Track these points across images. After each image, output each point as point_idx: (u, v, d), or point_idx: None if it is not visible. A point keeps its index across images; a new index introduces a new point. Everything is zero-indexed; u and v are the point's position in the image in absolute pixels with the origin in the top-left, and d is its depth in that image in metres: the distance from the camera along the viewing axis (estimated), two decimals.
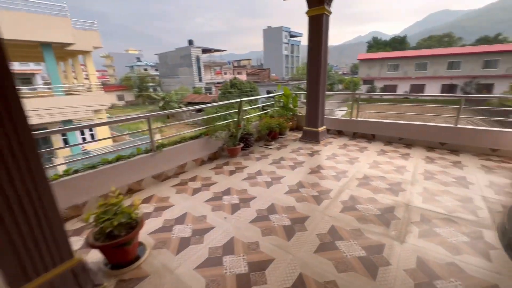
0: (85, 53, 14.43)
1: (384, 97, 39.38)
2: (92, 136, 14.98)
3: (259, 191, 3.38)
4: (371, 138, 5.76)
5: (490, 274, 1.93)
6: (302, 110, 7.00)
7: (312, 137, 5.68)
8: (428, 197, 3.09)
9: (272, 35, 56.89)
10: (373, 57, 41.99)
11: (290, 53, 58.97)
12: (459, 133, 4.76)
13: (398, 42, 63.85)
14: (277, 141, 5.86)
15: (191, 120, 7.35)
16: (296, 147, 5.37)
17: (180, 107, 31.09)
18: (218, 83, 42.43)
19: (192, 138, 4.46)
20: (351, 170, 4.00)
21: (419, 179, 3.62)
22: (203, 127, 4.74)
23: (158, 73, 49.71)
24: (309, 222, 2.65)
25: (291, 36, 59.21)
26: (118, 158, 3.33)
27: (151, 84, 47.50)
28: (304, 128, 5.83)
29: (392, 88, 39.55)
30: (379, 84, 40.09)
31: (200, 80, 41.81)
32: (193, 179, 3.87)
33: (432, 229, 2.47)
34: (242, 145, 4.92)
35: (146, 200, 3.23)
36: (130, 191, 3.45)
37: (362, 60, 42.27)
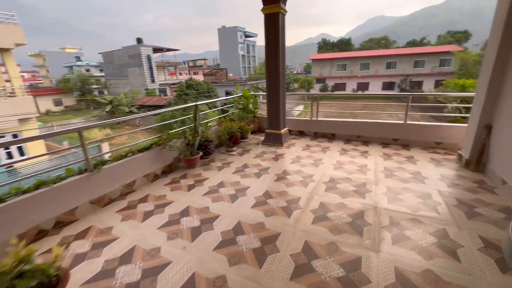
0: (3, 51, 12.02)
1: (337, 93, 42.31)
2: (21, 150, 12.59)
3: (222, 208, 3.01)
4: (331, 137, 5.84)
5: (463, 278, 1.90)
6: (262, 111, 6.80)
7: (275, 140, 5.50)
8: (392, 197, 3.11)
9: (227, 35, 56.26)
10: (323, 57, 44.65)
11: (246, 53, 59.13)
12: (408, 129, 5.08)
13: (344, 44, 69.26)
14: (239, 146, 5.53)
15: (147, 127, 6.50)
16: (260, 151, 5.12)
17: (131, 111, 28.54)
18: (173, 84, 40.26)
19: (141, 150, 3.84)
20: (317, 173, 3.89)
21: (380, 177, 3.68)
22: (154, 136, 4.15)
23: (103, 74, 44.92)
24: (281, 240, 2.39)
25: (246, 36, 59.42)
26: (39, 185, 2.60)
27: (95, 86, 42.68)
28: (266, 130, 5.61)
29: (341, 86, 42.62)
30: (330, 83, 42.81)
31: (153, 81, 39.07)
32: (144, 199, 3.30)
33: (402, 233, 2.43)
34: (201, 153, 4.46)
35: (81, 235, 2.58)
36: (59, 225, 2.74)
37: (314, 60, 44.61)
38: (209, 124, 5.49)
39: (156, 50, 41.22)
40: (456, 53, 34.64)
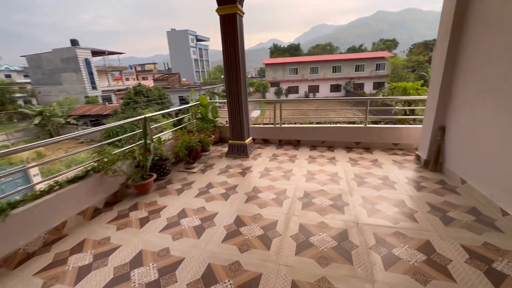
0: None
1: (310, 99, 44.04)
2: None
3: (186, 248, 2.44)
4: (296, 144, 5.68)
5: None
6: (222, 119, 6.33)
7: (239, 151, 5.07)
8: (370, 209, 2.97)
9: (177, 38, 53.91)
10: (276, 62, 46.11)
11: (199, 57, 57.54)
12: (368, 132, 5.19)
13: (294, 49, 72.94)
14: (200, 160, 4.95)
15: (89, 147, 5.37)
16: (224, 165, 4.63)
17: (69, 122, 24.86)
18: (119, 90, 36.69)
19: (73, 180, 2.99)
20: (290, 188, 3.59)
21: (353, 186, 3.56)
22: (91, 161, 3.32)
23: (29, 81, 38.35)
24: (264, 283, 1.96)
25: (198, 40, 57.90)
26: None
27: (19, 94, 36.16)
28: (230, 142, 5.15)
29: (295, 89, 44.58)
30: (284, 86, 44.37)
31: (94, 87, 34.88)
32: (78, 248, 2.51)
33: (391, 253, 2.24)
34: (155, 175, 3.76)
35: None
36: None
37: (267, 65, 45.71)
38: (164, 139, 4.78)
39: (96, 53, 37.08)
40: (388, 59, 39.36)
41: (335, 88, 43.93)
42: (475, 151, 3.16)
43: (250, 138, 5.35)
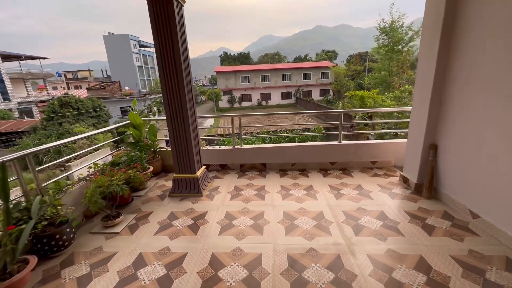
0: None
1: (279, 113, 43.56)
2: None
3: None
4: (262, 168, 4.59)
5: None
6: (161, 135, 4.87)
7: (189, 188, 3.72)
8: (388, 281, 2.01)
9: (117, 43, 48.61)
10: (227, 70, 45.33)
11: (143, 64, 52.97)
12: (344, 149, 4.41)
13: (244, 58, 73.66)
14: (130, 207, 3.42)
15: None
16: (166, 214, 3.22)
17: None
18: (42, 101, 30.77)
19: None
20: (267, 251, 2.43)
21: (350, 235, 2.60)
22: None
23: None
24: None
25: (142, 46, 53.40)
26: None
27: None
28: (174, 176, 3.76)
29: (247, 97, 44.37)
30: (237, 94, 43.73)
31: (7, 99, 28.30)
32: None
33: None
34: (35, 260, 2.16)
35: None
36: None
37: (218, 72, 44.56)
38: (70, 183, 3.13)
39: (9, 57, 30.42)
40: (331, 68, 42.36)
41: (286, 95, 45.23)
42: (488, 175, 2.52)
43: (203, 167, 4.05)
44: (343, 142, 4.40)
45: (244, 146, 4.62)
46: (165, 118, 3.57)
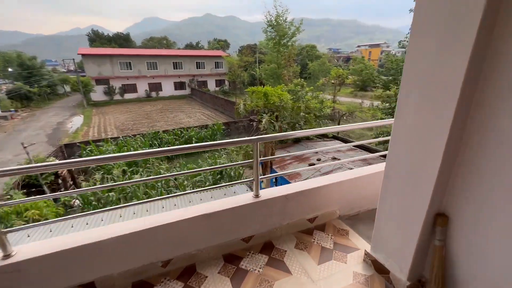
0: None
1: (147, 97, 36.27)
2: None
3: None
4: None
5: None
6: None
7: None
8: None
9: None
10: (100, 53, 36.14)
11: None
12: (264, 209, 2.30)
13: (124, 40, 61.90)
14: None
15: None
16: None
17: None
18: None
19: None
20: None
21: None
22: None
23: None
24: None
25: None
26: None
27: None
28: None
29: (132, 88, 37.38)
30: (117, 84, 35.82)
31: None
32: None
33: None
34: None
35: None
36: None
37: (86, 56, 34.76)
38: None
39: None
40: (225, 58, 41.75)
41: (179, 85, 41.24)
42: None
43: None
44: (263, 192, 2.34)
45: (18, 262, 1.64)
46: None
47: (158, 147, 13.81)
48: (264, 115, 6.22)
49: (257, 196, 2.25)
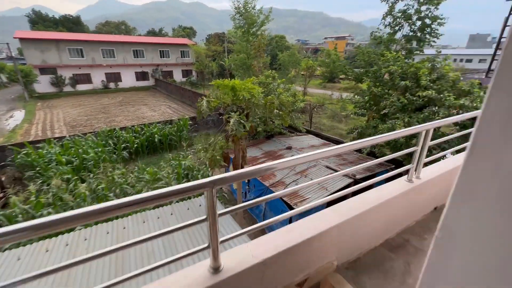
0: None
1: (79, 89, 32.21)
2: None
3: None
4: None
5: None
6: None
7: None
8: None
9: None
10: (43, 37, 31.24)
11: None
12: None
13: (73, 23, 54.90)
14: None
15: None
16: None
17: None
18: None
19: None
20: None
21: None
22: None
23: None
24: None
25: None
26: None
27: None
28: None
29: (85, 78, 33.37)
30: (66, 74, 31.57)
31: None
32: None
33: None
34: None
35: None
36: None
37: (25, 40, 29.83)
38: None
39: None
40: (191, 46, 39.16)
41: (141, 76, 37.95)
42: None
43: None
44: (228, 260, 1.47)
45: None
46: None
47: (114, 147, 12.11)
48: (232, 114, 5.36)
49: (216, 270, 1.40)
